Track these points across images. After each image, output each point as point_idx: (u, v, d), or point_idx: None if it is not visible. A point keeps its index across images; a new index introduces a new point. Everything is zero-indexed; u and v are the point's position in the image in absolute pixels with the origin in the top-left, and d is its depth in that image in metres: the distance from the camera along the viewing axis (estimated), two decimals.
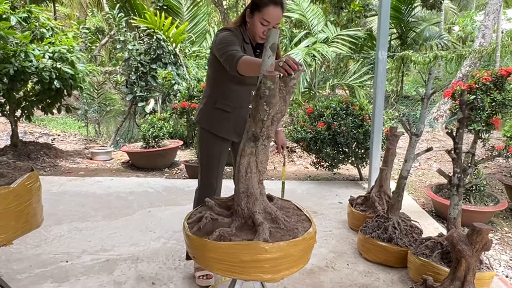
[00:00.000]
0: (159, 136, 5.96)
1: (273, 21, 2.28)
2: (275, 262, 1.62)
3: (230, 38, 2.26)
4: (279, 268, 1.65)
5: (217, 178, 2.61)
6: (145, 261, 2.99)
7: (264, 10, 2.26)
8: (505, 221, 4.04)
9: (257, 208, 1.76)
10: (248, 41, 2.41)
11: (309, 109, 5.07)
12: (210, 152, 2.57)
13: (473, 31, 16.48)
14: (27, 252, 3.10)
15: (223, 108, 2.48)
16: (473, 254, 2.11)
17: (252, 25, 2.35)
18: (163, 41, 7.29)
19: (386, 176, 3.50)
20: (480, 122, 3.72)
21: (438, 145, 7.10)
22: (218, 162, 2.58)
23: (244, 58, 2.06)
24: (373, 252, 2.98)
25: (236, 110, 2.49)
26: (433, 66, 4.17)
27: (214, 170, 2.59)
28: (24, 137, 7.79)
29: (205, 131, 2.56)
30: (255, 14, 2.31)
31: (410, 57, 8.59)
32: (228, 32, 2.33)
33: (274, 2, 2.26)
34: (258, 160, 1.76)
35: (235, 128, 2.52)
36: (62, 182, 5.01)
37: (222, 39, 2.26)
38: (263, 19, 2.27)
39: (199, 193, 2.64)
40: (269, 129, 1.72)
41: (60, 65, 5.46)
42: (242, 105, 2.50)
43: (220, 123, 2.51)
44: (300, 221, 1.88)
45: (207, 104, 2.56)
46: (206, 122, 2.55)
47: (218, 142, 2.55)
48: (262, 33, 2.32)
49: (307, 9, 7.43)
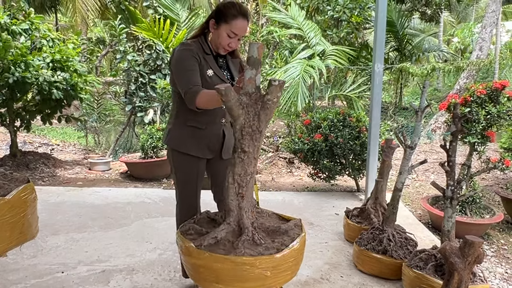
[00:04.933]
0: (158, 147, 5.99)
1: (240, 33, 2.23)
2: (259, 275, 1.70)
3: (189, 62, 2.20)
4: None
5: (196, 197, 2.49)
6: (141, 272, 3.00)
7: (232, 22, 2.19)
8: (501, 234, 4.04)
9: (246, 220, 1.81)
10: (209, 52, 2.31)
11: (307, 120, 5.10)
12: (186, 174, 2.43)
13: (471, 43, 16.60)
14: (23, 263, 3.11)
15: (196, 125, 2.34)
16: (465, 266, 2.12)
17: (217, 36, 2.26)
18: (163, 52, 7.34)
19: (382, 188, 3.52)
20: (476, 135, 3.75)
21: (436, 156, 7.12)
22: (195, 182, 2.45)
23: (201, 94, 2.05)
24: (368, 264, 2.99)
25: (209, 125, 2.36)
26: (428, 80, 4.20)
27: (193, 190, 2.46)
28: (23, 147, 7.82)
29: (177, 152, 2.40)
30: (221, 25, 2.22)
31: (408, 69, 8.65)
32: (187, 50, 2.23)
33: (243, 14, 2.20)
34: (235, 172, 1.79)
35: (208, 145, 2.40)
36: (60, 192, 5.03)
37: (180, 64, 2.21)
38: (231, 31, 2.21)
39: (181, 215, 2.49)
40: (241, 142, 1.74)
41: (59, 76, 5.50)
42: (215, 120, 2.38)
43: (192, 142, 2.37)
44: (292, 227, 1.94)
45: (176, 124, 2.41)
46: (178, 142, 2.39)
47: (193, 162, 2.41)
48: (227, 45, 2.26)
49: (303, 22, 7.52)
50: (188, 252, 1.74)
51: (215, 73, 2.29)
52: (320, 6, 8.55)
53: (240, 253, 1.66)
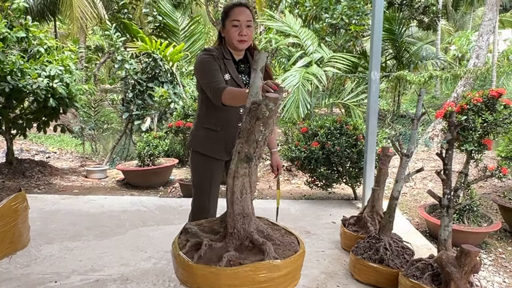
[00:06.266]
0: (155, 155, 5.97)
1: (242, 19, 2.35)
2: (285, 278, 1.65)
3: (210, 63, 2.33)
4: (286, 284, 1.67)
5: (209, 199, 2.58)
6: (135, 281, 2.96)
7: (231, 13, 2.36)
8: (499, 242, 4.02)
9: (252, 228, 1.76)
10: (229, 57, 2.44)
11: (304, 128, 5.09)
12: (201, 173, 2.57)
13: (469, 51, 16.67)
14: (16, 272, 3.07)
15: (211, 127, 2.49)
16: (462, 276, 2.10)
17: (227, 34, 2.41)
18: (160, 60, 7.35)
19: (378, 196, 3.50)
20: (472, 143, 3.73)
21: (433, 164, 7.10)
22: (209, 183, 2.57)
23: (227, 90, 2.14)
24: (365, 274, 2.96)
25: (224, 128, 2.48)
26: (425, 88, 4.22)
27: (205, 191, 2.57)
28: (20, 154, 7.79)
29: (195, 153, 2.57)
30: (226, 23, 2.39)
31: (405, 76, 8.66)
32: (208, 54, 2.38)
33: (239, 4, 2.38)
34: (252, 181, 1.76)
35: (225, 147, 2.51)
36: (56, 201, 4.99)
37: (203, 66, 2.35)
38: (233, 21, 2.35)
39: (192, 215, 2.63)
40: (262, 149, 1.74)
41: (56, 84, 5.49)
42: (231, 123, 2.48)
43: (209, 143, 2.51)
44: (284, 235, 1.91)
45: (197, 126, 2.59)
46: (197, 143, 2.56)
47: (209, 163, 2.54)
48: (238, 35, 2.36)
49: (299, 31, 7.53)
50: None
51: (232, 78, 2.41)
52: (318, 14, 8.57)
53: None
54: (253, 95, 1.67)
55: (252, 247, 1.72)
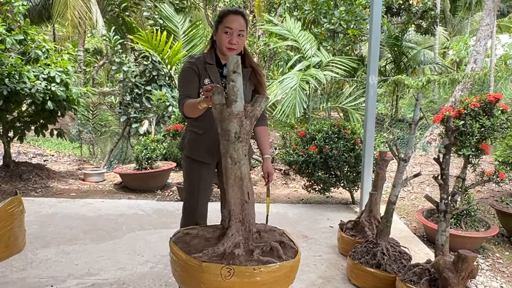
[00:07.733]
0: (152, 158, 5.95)
1: (235, 27, 2.35)
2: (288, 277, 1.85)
3: (186, 75, 2.42)
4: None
5: (198, 202, 2.57)
6: (131, 286, 2.95)
7: (224, 19, 2.37)
8: (497, 247, 4.02)
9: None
10: (212, 62, 2.46)
11: (301, 132, 5.09)
12: (189, 176, 2.60)
13: (467, 56, 16.72)
14: (12, 276, 3.06)
15: (196, 130, 2.53)
16: (459, 281, 2.10)
17: (218, 39, 2.42)
18: (159, 63, 7.35)
19: (376, 200, 3.50)
20: (470, 147, 3.74)
21: (431, 169, 7.11)
22: (197, 186, 2.56)
23: (186, 103, 2.26)
24: (362, 278, 2.96)
25: (206, 131, 2.48)
26: (423, 92, 4.23)
27: (194, 194, 2.58)
28: (17, 157, 7.77)
29: (184, 156, 2.62)
30: (218, 28, 2.41)
31: (403, 81, 8.68)
32: (188, 64, 2.43)
33: (234, 11, 2.39)
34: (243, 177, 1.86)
35: (207, 149, 2.51)
36: (53, 204, 4.98)
37: (179, 78, 2.47)
38: (225, 27, 2.35)
39: (182, 217, 2.66)
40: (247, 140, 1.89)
41: (54, 87, 5.48)
42: (212, 127, 2.35)
43: (194, 145, 2.54)
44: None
45: (186, 128, 2.66)
46: (184, 147, 2.61)
47: (196, 166, 2.56)
48: (228, 42, 2.37)
49: (298, 34, 7.54)
50: None
51: (212, 82, 2.41)
52: (317, 18, 8.59)
53: None
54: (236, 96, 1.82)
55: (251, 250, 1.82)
